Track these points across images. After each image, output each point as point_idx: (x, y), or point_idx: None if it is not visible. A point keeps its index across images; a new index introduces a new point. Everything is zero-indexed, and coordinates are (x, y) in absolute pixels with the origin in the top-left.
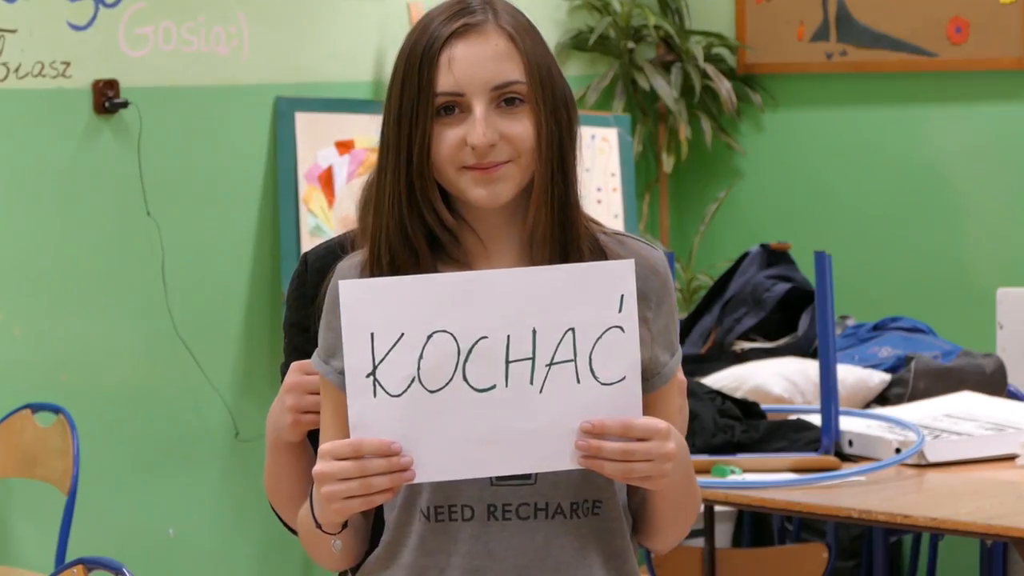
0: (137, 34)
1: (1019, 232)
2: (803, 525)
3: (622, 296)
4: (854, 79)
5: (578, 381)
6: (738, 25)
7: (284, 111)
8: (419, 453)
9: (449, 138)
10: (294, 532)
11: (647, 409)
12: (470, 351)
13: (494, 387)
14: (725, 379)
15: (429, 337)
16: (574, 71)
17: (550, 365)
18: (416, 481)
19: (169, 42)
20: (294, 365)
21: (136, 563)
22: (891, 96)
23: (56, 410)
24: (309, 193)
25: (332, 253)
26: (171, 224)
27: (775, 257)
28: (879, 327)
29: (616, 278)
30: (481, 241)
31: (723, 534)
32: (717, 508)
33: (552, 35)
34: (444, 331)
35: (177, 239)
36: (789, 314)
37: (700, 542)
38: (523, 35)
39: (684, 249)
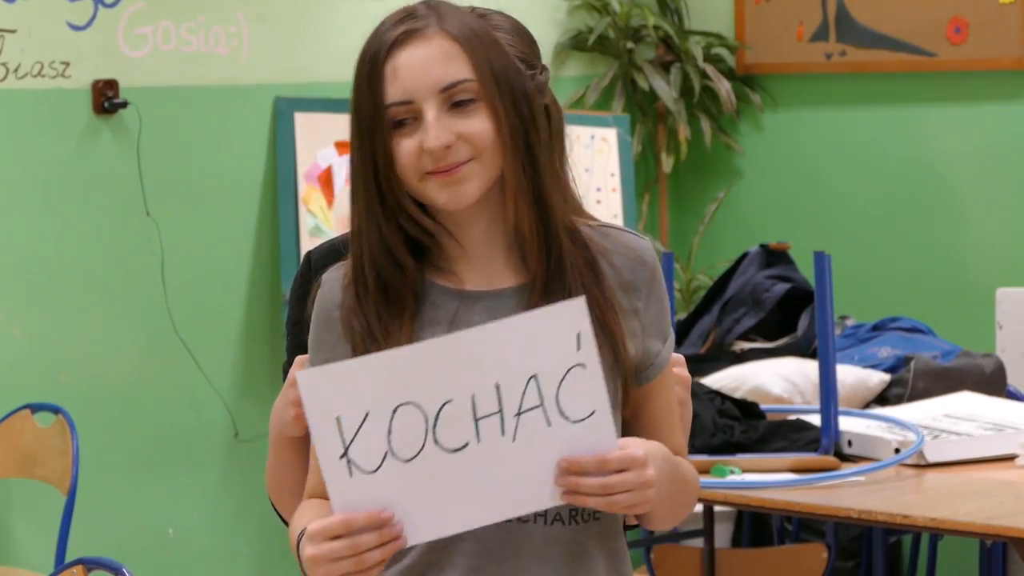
0: (136, 34)
1: (1019, 232)
2: (802, 525)
3: (578, 335)
4: (853, 79)
5: (549, 424)
6: (737, 25)
7: (283, 111)
8: (406, 518)
9: (407, 148)
10: None
11: (645, 401)
12: (437, 416)
13: (467, 444)
14: (724, 379)
15: (394, 411)
16: (573, 71)
17: (519, 415)
18: (408, 545)
19: (168, 42)
20: (298, 359)
21: (136, 563)
22: (890, 96)
23: (55, 410)
24: (308, 193)
25: (335, 251)
26: (170, 224)
27: (774, 257)
28: (878, 327)
29: (569, 319)
30: (460, 245)
31: (722, 534)
32: (716, 508)
33: (551, 35)
34: (408, 403)
35: (176, 239)
36: (788, 314)
37: (699, 542)
38: (468, 34)
39: (683, 249)
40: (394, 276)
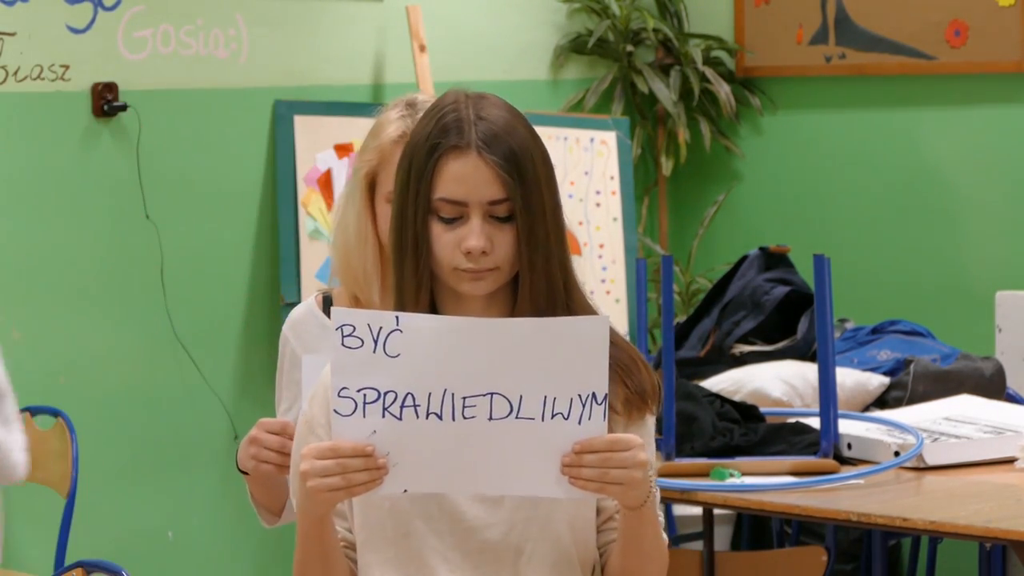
0: (136, 37)
1: (1018, 235)
2: (802, 528)
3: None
4: (853, 82)
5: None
6: (737, 28)
7: (283, 114)
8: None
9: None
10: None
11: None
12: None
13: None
14: (724, 382)
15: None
16: (573, 74)
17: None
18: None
19: (168, 45)
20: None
21: (135, 566)
22: (890, 99)
23: (55, 413)
24: (308, 196)
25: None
26: (170, 227)
27: (774, 260)
28: (878, 330)
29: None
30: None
31: (722, 537)
32: (716, 511)
33: (551, 38)
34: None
35: (176, 242)
36: (788, 317)
37: (699, 545)
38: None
39: (683, 252)
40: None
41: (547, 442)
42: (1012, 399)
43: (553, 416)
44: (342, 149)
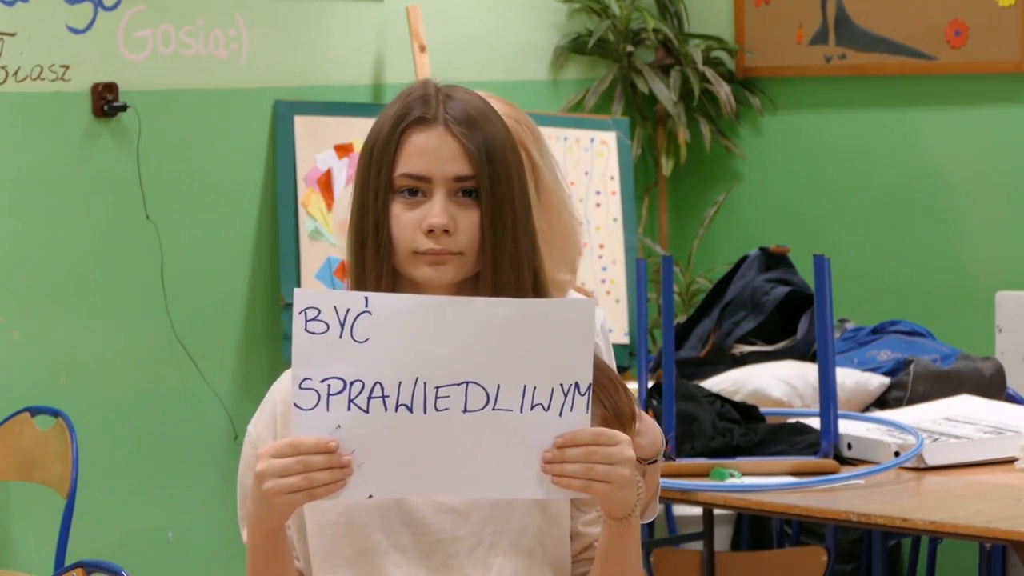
0: (136, 37)
1: (1018, 235)
2: (802, 528)
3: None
4: (853, 82)
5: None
6: (737, 28)
7: (283, 114)
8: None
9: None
10: None
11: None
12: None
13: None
14: (724, 382)
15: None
16: (573, 74)
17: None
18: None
19: (168, 45)
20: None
21: (135, 566)
22: (890, 99)
23: (55, 413)
24: (308, 196)
25: None
26: (170, 227)
27: (774, 260)
28: (878, 330)
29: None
30: None
31: (722, 537)
32: (716, 511)
33: (551, 38)
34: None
35: (176, 242)
36: (788, 317)
37: (699, 545)
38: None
39: (683, 252)
40: None
41: (526, 437)
42: (1012, 399)
43: (532, 408)
44: (342, 149)
